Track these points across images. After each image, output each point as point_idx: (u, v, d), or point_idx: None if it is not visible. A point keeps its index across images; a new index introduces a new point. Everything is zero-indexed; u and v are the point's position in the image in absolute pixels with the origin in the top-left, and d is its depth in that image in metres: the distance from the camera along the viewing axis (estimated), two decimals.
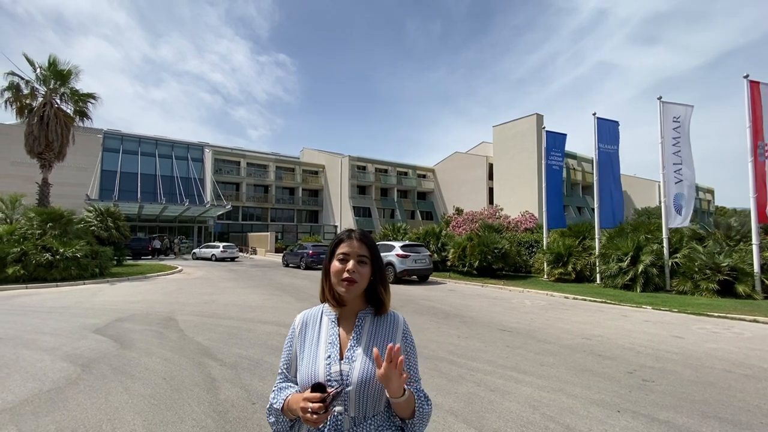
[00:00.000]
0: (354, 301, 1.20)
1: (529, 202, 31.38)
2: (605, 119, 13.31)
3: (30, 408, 3.27)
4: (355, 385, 1.07)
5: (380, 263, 1.21)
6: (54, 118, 15.95)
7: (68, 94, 16.65)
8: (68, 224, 14.11)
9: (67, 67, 16.28)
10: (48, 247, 12.57)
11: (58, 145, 16.18)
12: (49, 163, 16.44)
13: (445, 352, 5.08)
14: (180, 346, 5.29)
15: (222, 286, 12.42)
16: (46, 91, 16.20)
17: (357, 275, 1.14)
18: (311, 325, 1.22)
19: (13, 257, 11.83)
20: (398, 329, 1.20)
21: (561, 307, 8.89)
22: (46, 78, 16.05)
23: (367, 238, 1.22)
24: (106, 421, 3.04)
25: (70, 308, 8.17)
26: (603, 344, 5.56)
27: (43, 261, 12.17)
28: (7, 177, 29.27)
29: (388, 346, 0.96)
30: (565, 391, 3.74)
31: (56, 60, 15.97)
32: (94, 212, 18.56)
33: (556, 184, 14.79)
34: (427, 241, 17.59)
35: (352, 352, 1.13)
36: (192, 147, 41.60)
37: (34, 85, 16.03)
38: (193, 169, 39.60)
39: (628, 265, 10.98)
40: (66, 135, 16.55)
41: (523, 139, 36.11)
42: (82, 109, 17.12)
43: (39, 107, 15.82)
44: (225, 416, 3.15)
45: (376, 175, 46.60)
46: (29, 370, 4.24)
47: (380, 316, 1.21)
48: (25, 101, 15.81)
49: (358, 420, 1.08)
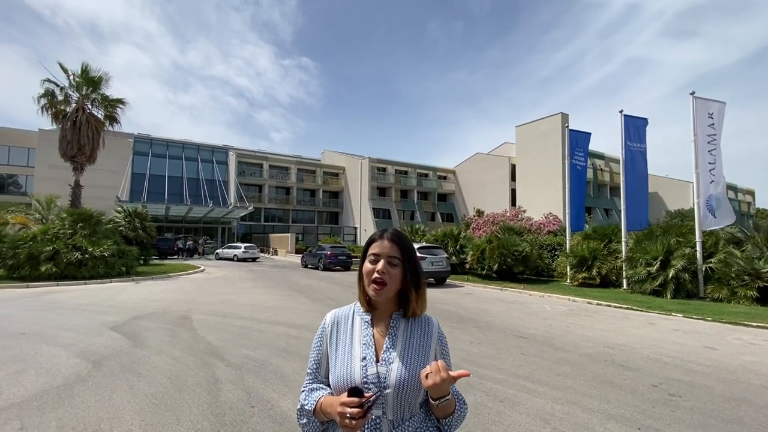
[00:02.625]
0: (387, 303, 1.18)
1: (553, 203, 30.45)
2: (633, 116, 12.71)
3: (37, 403, 3.33)
4: (393, 387, 1.06)
5: (415, 265, 1.17)
6: (86, 123, 16.68)
7: (99, 100, 17.39)
8: (97, 224, 14.70)
9: (98, 74, 17.03)
10: (78, 246, 13.10)
11: (90, 148, 16.91)
12: (81, 166, 17.19)
13: (456, 359, 4.89)
14: (190, 345, 5.33)
15: (240, 286, 12.59)
16: (79, 97, 16.97)
17: (387, 276, 1.11)
18: (343, 324, 1.19)
19: (45, 255, 12.39)
20: (433, 333, 1.19)
21: (583, 313, 8.49)
22: (78, 84, 16.82)
23: (400, 238, 1.18)
24: (105, 419, 3.05)
25: (94, 305, 8.44)
26: (626, 354, 5.23)
27: (73, 259, 12.69)
28: (46, 179, 30.96)
29: (440, 362, 0.99)
30: (580, 404, 3.50)
31: (88, 67, 16.73)
32: (122, 213, 19.28)
33: (579, 185, 14.24)
34: (445, 243, 17.30)
35: (389, 354, 1.11)
36: (217, 150, 42.70)
37: (67, 91, 16.84)
38: (218, 171, 40.63)
39: (658, 270, 10.39)
40: (97, 139, 17.28)
41: (547, 139, 35.18)
42: (112, 114, 17.85)
43: (72, 112, 16.60)
44: (222, 419, 3.09)
45: (396, 176, 46.47)
46: (44, 366, 4.35)
47: (414, 319, 1.19)
48: (59, 107, 16.62)
49: (396, 422, 1.08)
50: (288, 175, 45.82)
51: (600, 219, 36.83)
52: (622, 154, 12.36)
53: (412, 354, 1.12)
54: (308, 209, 47.09)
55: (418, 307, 1.18)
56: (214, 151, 42.32)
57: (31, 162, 35.78)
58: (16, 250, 12.38)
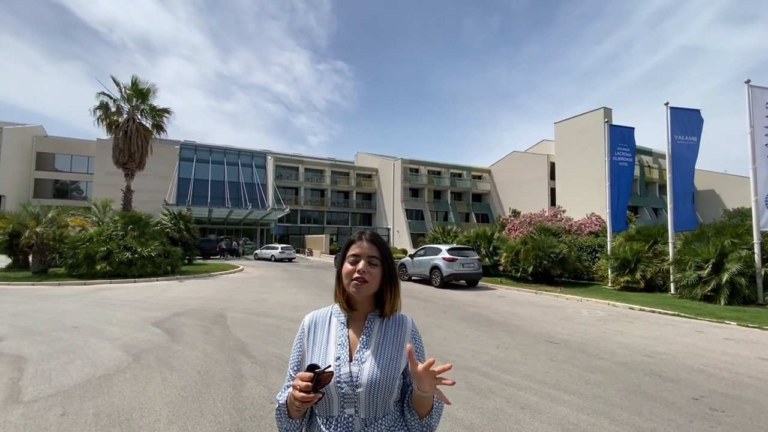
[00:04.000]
0: (363, 304, 1.21)
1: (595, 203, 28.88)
2: (682, 108, 11.84)
3: (79, 392, 3.62)
4: (365, 386, 1.08)
5: (391, 264, 1.21)
6: (135, 132, 17.94)
7: (147, 110, 18.63)
8: (146, 226, 15.76)
9: (146, 86, 18.26)
10: (128, 247, 14.10)
11: (139, 156, 18.16)
12: (132, 172, 18.49)
13: (479, 363, 4.78)
14: (221, 341, 5.58)
15: (275, 285, 13.00)
16: (129, 108, 18.27)
17: (367, 275, 1.14)
18: (320, 325, 1.22)
19: (100, 255, 13.44)
20: (407, 331, 1.21)
21: (623, 318, 8.00)
22: (129, 96, 18.12)
23: (377, 239, 1.23)
24: (137, 409, 3.26)
25: (140, 302, 9.04)
26: (667, 363, 4.87)
27: (124, 259, 13.67)
28: (103, 185, 33.61)
29: (407, 346, 1.03)
30: (608, 415, 3.31)
31: (137, 80, 17.99)
32: (168, 215, 20.54)
33: (623, 183, 13.44)
34: (478, 244, 16.94)
35: (362, 354, 1.13)
36: (256, 155, 44.46)
37: (119, 103, 18.18)
38: (257, 175, 42.30)
39: (709, 274, 9.59)
40: (145, 147, 18.52)
41: (588, 136, 33.53)
42: (159, 123, 19.06)
43: (123, 123, 17.90)
44: (242, 413, 3.22)
45: (428, 177, 46.12)
46: (90, 357, 4.72)
47: (389, 319, 1.21)
48: (112, 118, 17.98)
49: (369, 421, 1.09)
50: (323, 178, 46.82)
51: (648, 219, 34.60)
52: (668, 150, 11.55)
53: (385, 353, 1.14)
54: (342, 211, 47.86)
55: (393, 304, 1.21)
56: (253, 155, 44.11)
57: (91, 169, 38.98)
58: (75, 250, 13.53)
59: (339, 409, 1.09)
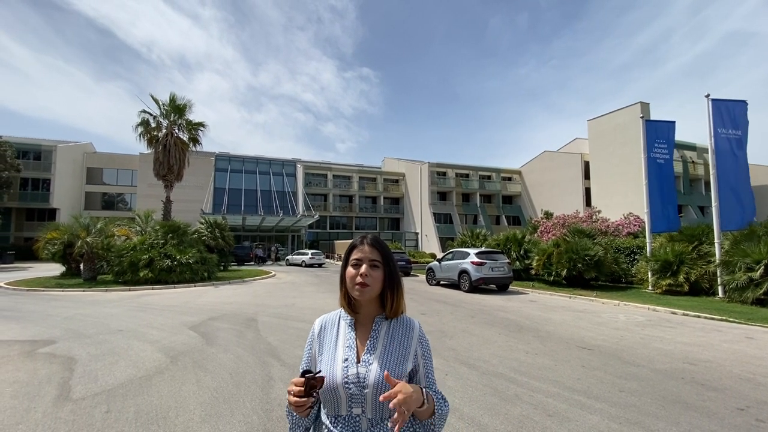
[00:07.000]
0: (369, 306, 1.24)
1: (633, 202, 27.56)
2: (725, 100, 11.14)
3: (122, 391, 3.88)
4: (372, 387, 1.11)
5: (392, 267, 1.24)
6: (174, 146, 18.96)
7: (184, 125, 19.67)
8: (184, 235, 16.55)
9: (182, 102, 19.29)
10: (168, 254, 14.87)
11: (177, 168, 19.15)
12: (171, 184, 19.52)
13: (507, 369, 4.69)
14: (253, 345, 5.78)
15: (305, 290, 13.28)
16: (168, 124, 19.35)
17: (370, 279, 1.18)
18: (329, 328, 1.27)
19: (143, 262, 14.25)
20: (414, 334, 1.23)
21: (664, 324, 7.58)
22: (167, 112, 19.20)
23: (378, 243, 1.25)
24: (173, 408, 3.46)
25: (178, 307, 9.51)
26: (710, 372, 4.58)
27: (164, 266, 14.42)
28: (146, 196, 35.62)
29: (384, 373, 1.04)
30: (642, 425, 3.16)
31: (175, 97, 19.04)
32: (204, 224, 21.47)
33: (663, 181, 12.77)
34: (508, 247, 16.57)
35: (369, 356, 1.17)
36: (286, 163, 45.69)
37: (159, 119, 19.29)
38: (287, 183, 43.43)
39: (762, 276, 8.92)
40: (183, 159, 19.52)
41: (624, 133, 32.07)
42: (195, 137, 20.05)
43: (163, 138, 18.97)
44: (270, 414, 3.33)
45: (456, 180, 45.61)
46: (133, 359, 5.03)
47: (396, 321, 1.24)
48: (153, 133, 19.10)
49: (375, 421, 1.12)
50: (350, 184, 47.39)
51: (693, 218, 32.55)
52: (710, 144, 10.91)
53: (391, 355, 1.17)
54: (370, 216, 48.17)
55: (398, 306, 1.24)
56: (283, 164, 45.36)
57: (135, 182, 41.42)
58: (121, 258, 14.42)
59: (347, 408, 1.13)
